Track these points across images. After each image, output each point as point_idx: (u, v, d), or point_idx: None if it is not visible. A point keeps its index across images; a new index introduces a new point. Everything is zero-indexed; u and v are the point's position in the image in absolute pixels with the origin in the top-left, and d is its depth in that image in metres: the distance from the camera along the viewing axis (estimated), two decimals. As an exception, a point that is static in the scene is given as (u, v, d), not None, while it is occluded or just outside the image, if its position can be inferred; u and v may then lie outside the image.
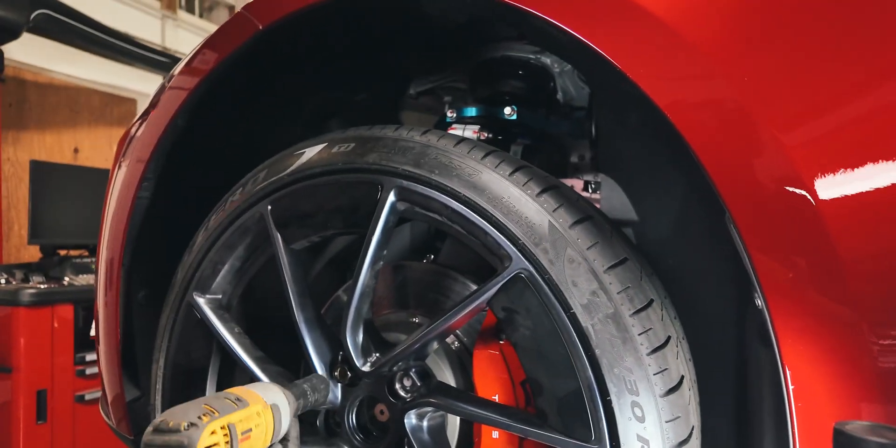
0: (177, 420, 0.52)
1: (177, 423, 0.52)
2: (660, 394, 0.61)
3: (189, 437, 0.51)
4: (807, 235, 0.55)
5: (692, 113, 0.58)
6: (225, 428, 0.54)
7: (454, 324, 0.73)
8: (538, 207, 0.68)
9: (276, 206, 0.86)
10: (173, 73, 1.06)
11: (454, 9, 0.92)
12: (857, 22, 0.55)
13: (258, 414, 0.60)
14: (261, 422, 0.60)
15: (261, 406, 0.62)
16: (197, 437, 0.51)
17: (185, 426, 0.52)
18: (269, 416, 0.62)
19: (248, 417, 0.58)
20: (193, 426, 0.52)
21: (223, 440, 0.53)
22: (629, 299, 0.64)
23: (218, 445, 0.53)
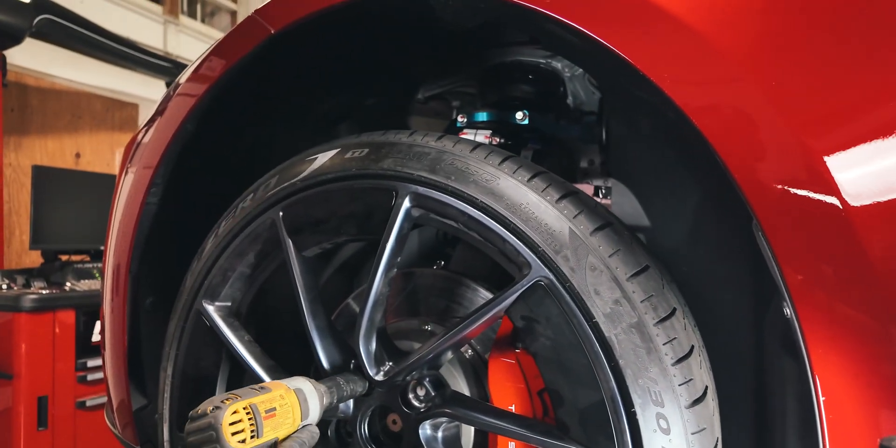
0: (204, 407, 0.60)
1: (204, 409, 0.59)
2: (685, 405, 0.60)
3: (215, 417, 0.58)
4: (837, 242, 0.53)
5: (719, 118, 0.57)
6: (247, 408, 0.60)
7: (471, 332, 0.72)
8: (558, 214, 0.67)
9: (288, 213, 0.85)
10: (180, 80, 1.05)
11: (467, 13, 0.91)
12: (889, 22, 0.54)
13: (281, 397, 0.65)
14: (285, 403, 0.65)
15: (283, 390, 0.67)
16: (221, 416, 0.58)
17: (210, 410, 0.59)
18: (293, 399, 0.66)
19: (271, 399, 0.63)
20: (217, 409, 0.59)
21: (246, 418, 0.59)
22: (653, 308, 0.63)
23: (241, 422, 0.59)
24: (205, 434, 0.57)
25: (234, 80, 0.96)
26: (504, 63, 1.16)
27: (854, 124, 0.55)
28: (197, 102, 0.97)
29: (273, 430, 0.61)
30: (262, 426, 0.60)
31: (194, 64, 1.02)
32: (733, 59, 0.57)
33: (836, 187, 0.53)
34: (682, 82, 0.58)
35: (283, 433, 0.63)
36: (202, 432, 0.57)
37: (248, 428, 0.59)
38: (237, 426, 0.58)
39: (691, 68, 0.58)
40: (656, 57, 0.60)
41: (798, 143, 0.54)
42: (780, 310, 0.69)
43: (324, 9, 0.83)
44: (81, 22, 4.07)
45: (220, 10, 6.96)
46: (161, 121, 1.02)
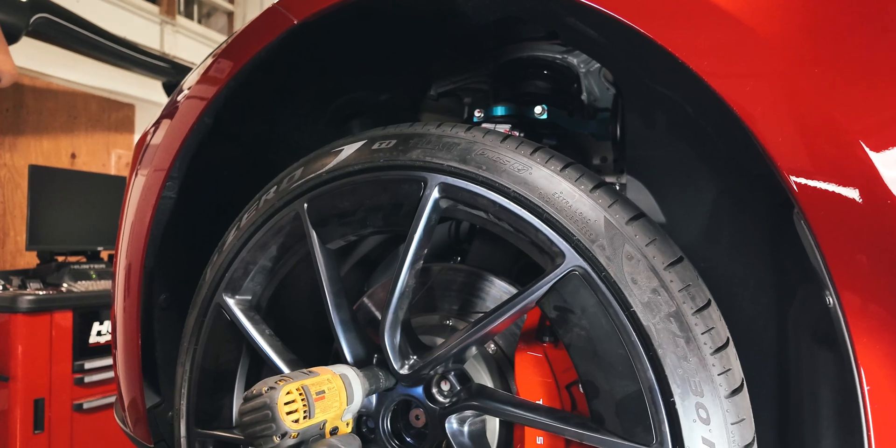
0: (259, 388, 0.61)
1: (258, 389, 0.61)
2: (724, 395, 0.60)
3: (270, 397, 0.60)
4: (882, 231, 0.53)
5: (762, 108, 0.57)
6: (300, 389, 0.62)
7: (500, 325, 0.72)
8: (593, 203, 0.67)
9: (314, 205, 0.84)
10: (190, 78, 1.04)
11: (489, 6, 0.91)
12: None
13: (328, 380, 0.68)
14: (332, 386, 0.67)
15: (329, 375, 0.69)
16: (276, 396, 0.60)
17: (265, 390, 0.61)
18: (340, 383, 0.69)
19: (320, 382, 0.66)
20: (272, 389, 0.61)
21: (299, 398, 0.62)
22: (691, 298, 0.62)
23: (295, 403, 0.61)
24: (260, 413, 0.58)
25: (252, 74, 0.95)
26: (520, 58, 1.16)
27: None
28: (214, 96, 0.96)
29: (323, 412, 0.63)
30: (314, 407, 0.61)
31: (210, 58, 1.02)
32: (778, 48, 0.57)
33: (881, 176, 0.53)
34: (724, 73, 0.59)
35: (332, 415, 0.64)
36: (257, 411, 0.58)
37: (301, 408, 0.60)
38: (291, 406, 0.60)
39: (735, 58, 0.58)
40: (698, 46, 0.60)
41: (842, 132, 0.55)
42: (808, 302, 0.69)
43: (347, 0, 0.83)
44: (79, 21, 4.05)
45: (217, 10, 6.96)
46: (179, 113, 1.02)
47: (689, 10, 0.61)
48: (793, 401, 0.76)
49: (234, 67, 0.94)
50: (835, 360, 0.59)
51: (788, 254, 0.73)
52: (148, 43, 5.50)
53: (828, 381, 0.67)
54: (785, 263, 0.77)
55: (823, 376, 0.68)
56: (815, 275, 0.58)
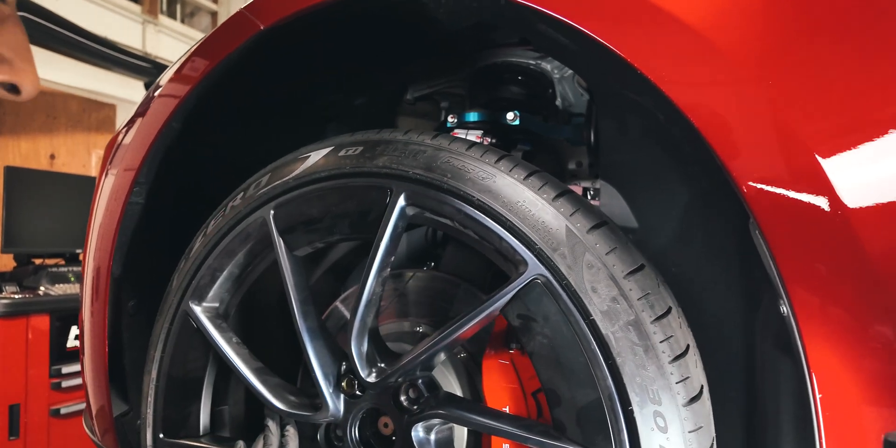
0: None
1: None
2: (682, 403, 0.61)
3: None
4: (835, 240, 0.54)
5: (717, 117, 0.58)
6: None
7: (466, 332, 0.72)
8: (555, 211, 0.68)
9: (280, 211, 0.84)
10: (165, 76, 1.03)
11: (461, 12, 0.91)
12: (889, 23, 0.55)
13: None
14: None
15: None
16: None
17: None
18: None
19: None
20: None
21: None
22: (650, 306, 0.63)
23: None
24: None
25: (221, 78, 0.95)
26: (494, 64, 1.17)
27: (851, 124, 0.56)
28: (183, 99, 0.96)
29: None
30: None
31: (180, 60, 1.01)
32: (732, 57, 0.58)
33: (833, 186, 0.54)
34: (680, 81, 0.59)
35: None
36: None
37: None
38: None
39: (690, 67, 0.59)
40: (654, 55, 0.60)
41: (795, 143, 0.55)
42: (772, 309, 0.70)
43: (315, 5, 0.83)
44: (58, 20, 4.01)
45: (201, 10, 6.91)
46: (145, 119, 1.01)
47: (642, 17, 0.61)
48: (759, 406, 0.77)
49: (202, 72, 0.93)
50: (794, 366, 0.60)
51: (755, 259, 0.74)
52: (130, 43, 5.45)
53: (787, 387, 0.68)
54: (752, 269, 0.78)
55: (784, 383, 0.69)
56: (770, 283, 0.58)
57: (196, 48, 0.98)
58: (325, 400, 0.80)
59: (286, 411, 0.83)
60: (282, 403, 0.83)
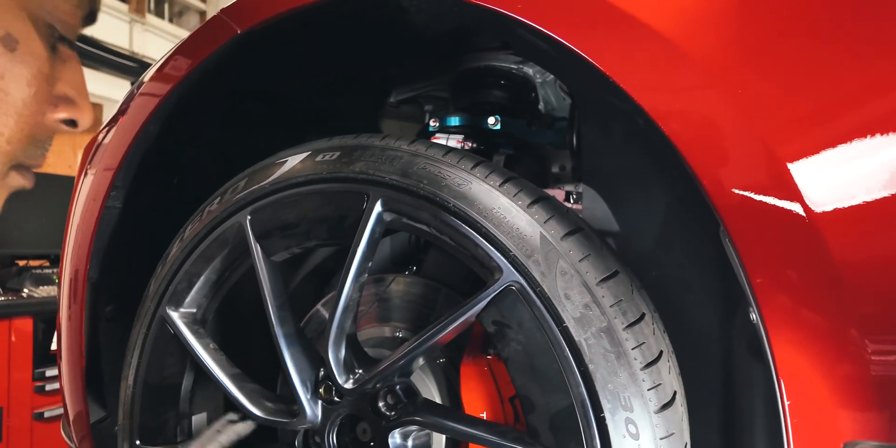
0: None
1: None
2: (654, 410, 0.61)
3: None
4: (802, 247, 0.55)
5: (686, 124, 0.59)
6: None
7: (442, 338, 0.72)
8: (529, 218, 0.68)
9: (257, 216, 0.83)
10: (143, 79, 1.03)
11: (441, 17, 0.92)
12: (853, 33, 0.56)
13: None
14: None
15: None
16: None
17: None
18: None
19: None
20: None
21: None
22: (622, 313, 0.63)
23: None
24: None
25: (199, 81, 0.94)
26: (477, 68, 1.17)
27: (819, 132, 0.56)
28: (160, 103, 0.95)
29: None
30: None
31: (158, 63, 1.00)
32: (701, 65, 0.58)
33: (801, 193, 0.55)
34: (650, 88, 0.60)
35: None
36: None
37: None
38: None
39: (660, 74, 0.59)
40: (625, 62, 0.61)
41: (763, 150, 0.56)
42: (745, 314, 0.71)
43: (293, 9, 0.82)
44: None
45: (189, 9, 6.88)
46: (122, 122, 1.00)
47: (609, 22, 0.61)
48: (736, 410, 0.78)
49: (181, 75, 0.93)
50: (764, 372, 0.61)
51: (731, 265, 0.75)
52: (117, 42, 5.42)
53: (760, 392, 0.69)
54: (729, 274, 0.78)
55: (757, 388, 0.70)
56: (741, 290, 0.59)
57: (175, 50, 0.97)
58: (303, 406, 0.80)
59: (263, 418, 0.82)
60: (258, 410, 0.83)
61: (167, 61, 0.96)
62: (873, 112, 0.55)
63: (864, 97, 0.55)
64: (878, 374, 0.54)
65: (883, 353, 0.54)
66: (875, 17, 0.55)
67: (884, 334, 0.54)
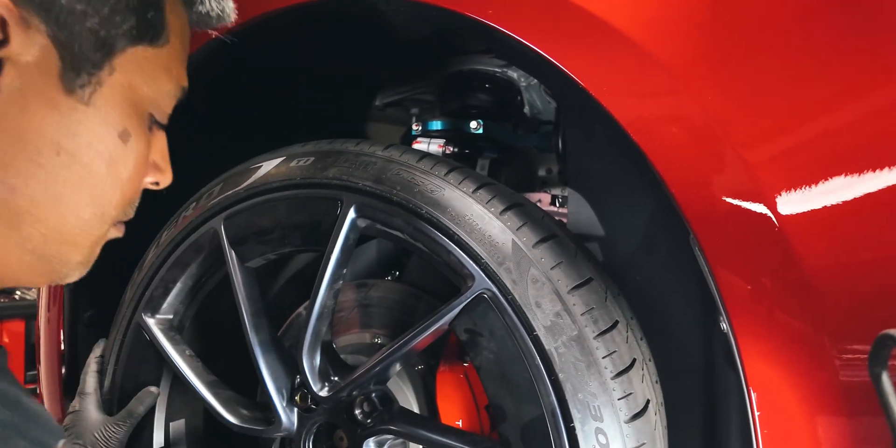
0: None
1: None
2: (624, 420, 0.60)
3: None
4: (772, 256, 0.54)
5: (654, 131, 0.58)
6: None
7: (416, 346, 0.71)
8: (502, 225, 0.67)
9: (231, 222, 0.83)
10: None
11: (417, 20, 0.91)
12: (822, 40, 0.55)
13: None
14: None
15: None
16: None
17: None
18: None
19: None
20: None
21: None
22: (593, 321, 0.63)
23: None
24: None
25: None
26: (461, 71, 1.16)
27: (791, 140, 0.56)
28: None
29: None
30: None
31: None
32: (671, 71, 0.57)
33: (770, 201, 0.54)
34: (618, 94, 0.59)
35: None
36: None
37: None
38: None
39: (628, 80, 0.59)
40: (593, 67, 0.60)
41: (732, 157, 0.55)
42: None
43: (267, 12, 0.82)
44: None
45: None
46: None
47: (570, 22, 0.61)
48: (715, 416, 0.77)
49: None
50: (737, 382, 0.60)
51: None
52: None
53: (735, 401, 0.68)
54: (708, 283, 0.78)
55: (732, 396, 0.69)
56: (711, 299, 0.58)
57: None
58: (278, 414, 0.80)
59: (238, 426, 0.82)
60: (234, 417, 0.82)
61: None
62: (843, 118, 0.54)
63: (833, 103, 0.54)
64: (848, 383, 0.53)
65: (853, 362, 0.53)
66: (844, 24, 0.55)
67: (854, 343, 0.53)
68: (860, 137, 0.53)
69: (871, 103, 0.54)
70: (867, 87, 0.54)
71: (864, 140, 0.53)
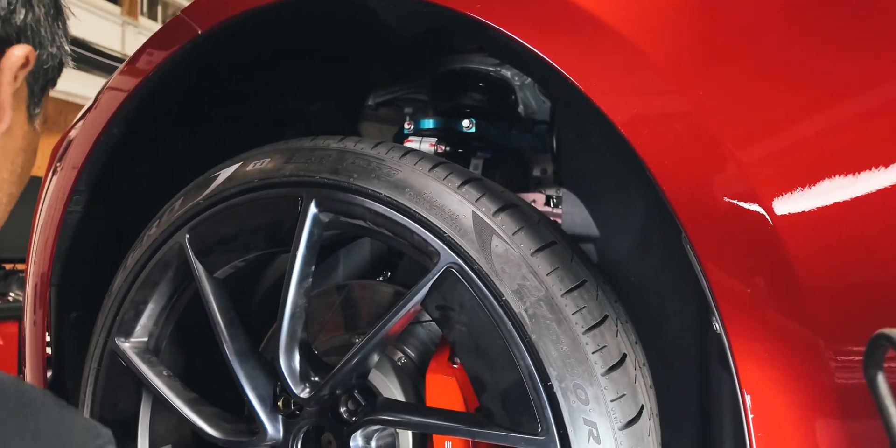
0: None
1: None
2: (601, 372, 0.63)
3: None
4: (764, 256, 0.56)
5: (647, 130, 0.60)
6: None
7: (391, 330, 0.74)
8: (460, 199, 0.71)
9: (195, 234, 0.87)
10: (109, 81, 1.05)
11: (409, 17, 0.94)
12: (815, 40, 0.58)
13: None
14: None
15: None
16: None
17: None
18: None
19: None
20: None
21: None
22: (559, 280, 0.66)
23: None
24: None
25: (162, 82, 0.96)
26: (454, 70, 1.18)
27: (784, 139, 0.58)
28: (122, 104, 0.97)
29: None
30: None
31: (123, 64, 1.02)
32: (663, 70, 0.60)
33: (763, 199, 0.56)
34: (611, 92, 0.61)
35: None
36: None
37: None
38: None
39: (621, 78, 0.61)
40: (586, 65, 0.63)
41: (725, 157, 0.57)
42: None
43: (255, 8, 0.84)
44: None
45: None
46: (84, 125, 1.02)
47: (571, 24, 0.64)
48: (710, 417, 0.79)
49: (142, 78, 0.95)
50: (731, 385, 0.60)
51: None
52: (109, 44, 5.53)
53: (728, 404, 0.70)
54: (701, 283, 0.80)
55: (725, 398, 0.71)
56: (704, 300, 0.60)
57: (137, 52, 0.99)
58: (262, 423, 0.82)
59: (223, 439, 0.84)
60: (218, 432, 0.84)
61: (131, 61, 0.98)
62: (837, 117, 0.57)
63: (826, 103, 0.57)
64: (842, 385, 0.55)
65: (848, 364, 0.55)
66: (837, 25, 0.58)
67: (849, 344, 0.55)
68: (854, 137, 0.55)
69: (866, 102, 0.57)
70: (862, 86, 0.57)
71: (859, 140, 0.56)
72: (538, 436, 0.63)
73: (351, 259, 1.27)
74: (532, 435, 0.63)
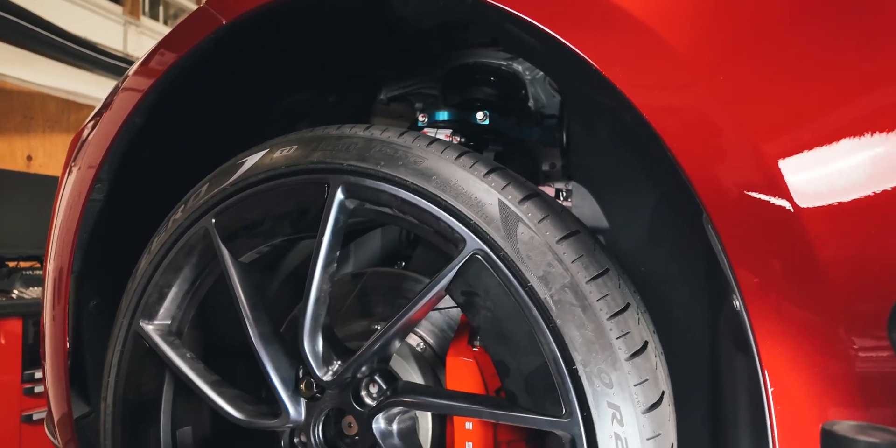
0: None
1: None
2: (625, 357, 0.65)
3: None
4: (786, 237, 0.59)
5: (674, 119, 0.63)
6: None
7: (415, 316, 0.77)
8: (487, 187, 0.73)
9: (221, 219, 0.89)
10: (128, 73, 1.07)
11: (427, 10, 0.97)
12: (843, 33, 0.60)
13: None
14: None
15: None
16: None
17: None
18: None
19: None
20: None
21: None
22: (584, 267, 0.68)
23: None
24: None
25: (184, 73, 0.99)
26: (466, 65, 1.21)
27: (805, 125, 0.60)
28: (144, 95, 0.99)
29: None
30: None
31: (144, 56, 1.04)
32: (691, 62, 0.63)
33: (787, 187, 0.58)
34: (640, 84, 0.64)
35: None
36: None
37: None
38: None
39: (650, 70, 0.64)
40: (616, 57, 0.65)
41: (750, 145, 0.60)
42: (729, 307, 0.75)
43: (270, 2, 0.87)
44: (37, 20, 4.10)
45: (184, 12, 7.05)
46: (107, 115, 1.05)
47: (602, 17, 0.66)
48: (721, 403, 0.82)
49: (165, 68, 0.97)
50: (748, 363, 0.63)
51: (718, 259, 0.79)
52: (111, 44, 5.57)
53: (744, 383, 0.73)
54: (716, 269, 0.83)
55: (740, 379, 0.74)
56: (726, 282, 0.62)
57: (160, 43, 1.01)
58: (285, 405, 0.84)
59: (245, 420, 0.86)
60: (241, 413, 0.87)
61: (153, 53, 1.00)
62: (861, 110, 0.59)
63: (851, 95, 0.59)
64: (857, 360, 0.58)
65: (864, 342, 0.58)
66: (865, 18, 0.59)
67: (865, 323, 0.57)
68: (877, 127, 0.57)
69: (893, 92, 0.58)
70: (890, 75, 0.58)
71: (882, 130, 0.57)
72: (562, 418, 0.65)
73: (362, 252, 1.30)
74: (556, 417, 0.65)
